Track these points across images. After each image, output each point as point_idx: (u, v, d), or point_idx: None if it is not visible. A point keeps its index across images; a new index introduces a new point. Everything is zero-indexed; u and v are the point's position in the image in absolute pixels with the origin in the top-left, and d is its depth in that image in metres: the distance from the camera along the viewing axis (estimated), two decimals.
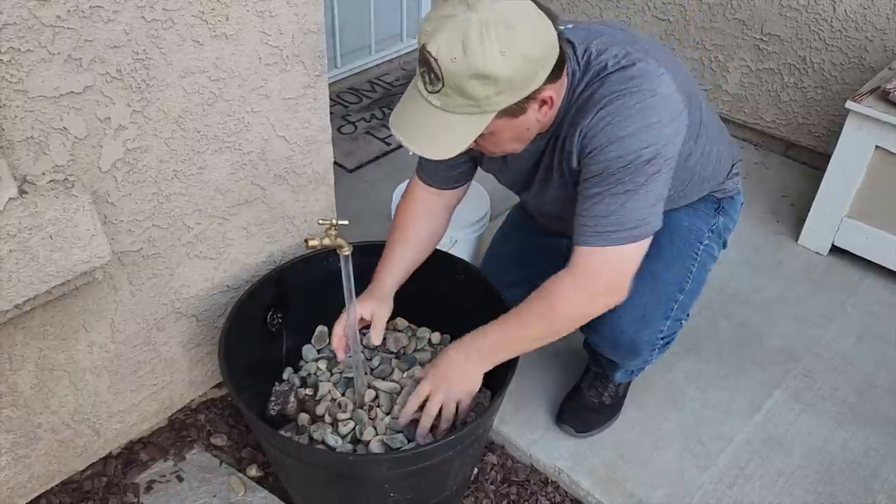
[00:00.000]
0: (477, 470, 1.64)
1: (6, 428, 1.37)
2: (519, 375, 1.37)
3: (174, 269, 1.49)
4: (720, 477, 1.63)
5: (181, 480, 1.59)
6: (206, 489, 1.57)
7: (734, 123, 2.72)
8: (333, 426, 1.44)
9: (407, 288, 1.49)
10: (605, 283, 1.22)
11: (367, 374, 1.53)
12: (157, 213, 1.39)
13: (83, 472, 1.59)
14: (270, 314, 1.54)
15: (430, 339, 1.63)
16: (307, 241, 1.28)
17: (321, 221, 1.28)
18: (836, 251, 2.21)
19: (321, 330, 1.64)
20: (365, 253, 1.44)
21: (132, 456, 1.63)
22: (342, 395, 1.50)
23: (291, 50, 1.43)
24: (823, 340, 1.97)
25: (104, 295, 1.39)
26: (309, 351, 1.62)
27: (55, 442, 1.48)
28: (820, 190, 2.16)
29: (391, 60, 3.21)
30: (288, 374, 1.58)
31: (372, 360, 1.57)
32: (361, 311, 1.40)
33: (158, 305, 1.51)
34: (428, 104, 1.10)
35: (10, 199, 1.09)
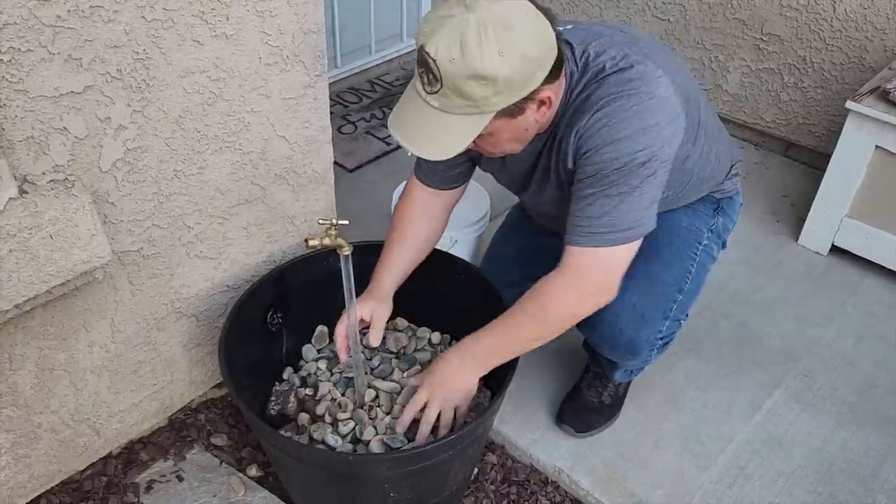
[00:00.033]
0: (477, 470, 1.64)
1: (6, 428, 1.37)
2: (519, 375, 1.38)
3: (174, 268, 1.49)
4: (720, 477, 1.63)
5: (181, 480, 1.59)
6: (206, 489, 1.57)
7: (734, 123, 2.72)
8: (333, 426, 1.44)
9: (407, 288, 1.49)
10: (595, 283, 1.23)
11: (367, 373, 1.53)
12: (157, 212, 1.39)
13: (83, 471, 1.59)
14: (270, 314, 1.54)
15: (430, 339, 1.63)
16: (307, 240, 1.28)
17: (321, 221, 1.28)
18: (836, 251, 2.21)
19: (321, 330, 1.64)
20: (365, 253, 1.44)
21: (132, 456, 1.63)
22: (342, 394, 1.50)
23: (291, 50, 1.43)
24: (823, 340, 1.97)
25: (104, 295, 1.40)
26: (309, 351, 1.63)
27: (55, 442, 1.48)
28: (820, 190, 2.16)
29: (391, 60, 3.21)
30: (288, 373, 1.58)
31: (372, 359, 1.58)
32: (361, 311, 1.40)
33: (158, 305, 1.51)
34: (426, 105, 1.10)
35: (10, 198, 1.09)
